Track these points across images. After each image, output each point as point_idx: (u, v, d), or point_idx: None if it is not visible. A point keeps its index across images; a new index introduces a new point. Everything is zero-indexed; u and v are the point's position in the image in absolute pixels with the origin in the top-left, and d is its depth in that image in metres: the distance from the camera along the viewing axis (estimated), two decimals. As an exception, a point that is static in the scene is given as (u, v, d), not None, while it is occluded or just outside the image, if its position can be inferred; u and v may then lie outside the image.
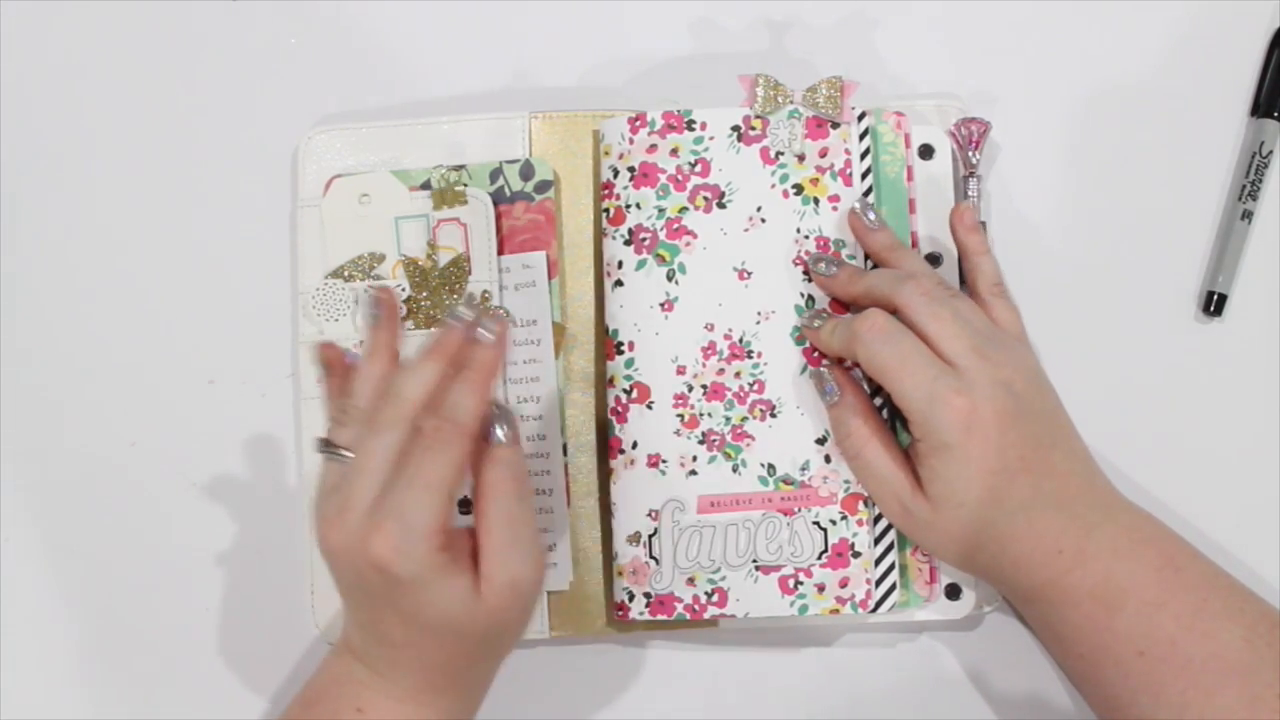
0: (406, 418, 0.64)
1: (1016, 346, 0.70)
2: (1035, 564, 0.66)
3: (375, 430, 0.64)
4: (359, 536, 0.62)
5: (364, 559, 0.62)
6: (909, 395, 0.66)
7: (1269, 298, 0.77)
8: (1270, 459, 0.76)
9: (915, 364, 0.66)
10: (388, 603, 0.63)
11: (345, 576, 0.65)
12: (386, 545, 0.61)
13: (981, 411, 0.65)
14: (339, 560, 0.64)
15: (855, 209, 0.73)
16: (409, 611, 0.63)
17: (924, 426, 0.66)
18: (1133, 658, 0.65)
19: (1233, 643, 0.64)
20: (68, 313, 0.80)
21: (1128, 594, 0.65)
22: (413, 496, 0.62)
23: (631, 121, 0.75)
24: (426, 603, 0.62)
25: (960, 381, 0.66)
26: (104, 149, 0.81)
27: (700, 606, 0.72)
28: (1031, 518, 0.66)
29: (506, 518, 0.64)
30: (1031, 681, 0.75)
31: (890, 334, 0.67)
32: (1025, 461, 0.66)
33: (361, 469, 0.64)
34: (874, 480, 0.69)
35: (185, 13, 0.82)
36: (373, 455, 0.64)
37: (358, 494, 0.63)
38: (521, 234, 0.76)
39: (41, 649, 0.77)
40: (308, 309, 0.76)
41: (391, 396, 0.65)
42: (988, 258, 0.73)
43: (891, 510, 0.69)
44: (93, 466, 0.78)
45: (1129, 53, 0.79)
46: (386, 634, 0.64)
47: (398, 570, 0.61)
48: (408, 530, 0.62)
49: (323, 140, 0.78)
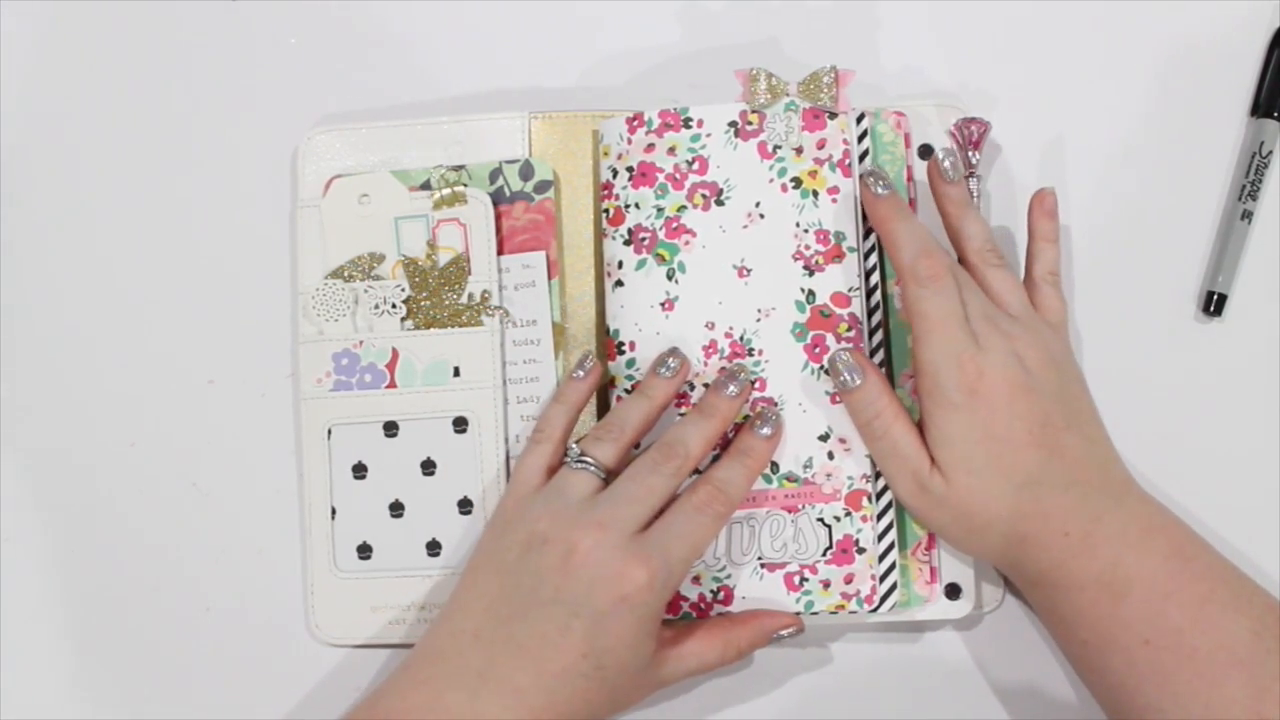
0: (685, 472, 0.70)
1: (1041, 328, 0.70)
2: (1042, 545, 0.66)
3: (657, 472, 0.69)
4: (620, 556, 0.66)
5: (615, 579, 0.65)
6: (930, 347, 0.67)
7: (1269, 298, 0.77)
8: (1270, 459, 0.76)
9: (952, 324, 0.67)
10: (586, 632, 0.65)
11: (558, 586, 0.65)
12: (644, 575, 0.65)
13: (990, 377, 0.66)
14: (580, 566, 0.66)
15: (863, 175, 0.72)
16: (600, 649, 0.65)
17: (932, 380, 0.67)
18: (1138, 646, 0.65)
19: (1239, 634, 0.64)
20: (68, 313, 0.79)
21: (1135, 582, 0.65)
22: (677, 546, 0.67)
23: (629, 121, 0.75)
24: (622, 648, 0.65)
25: (976, 348, 0.67)
26: (104, 149, 0.81)
27: (706, 605, 0.72)
28: (1039, 495, 0.66)
29: (709, 660, 0.70)
30: (1031, 681, 0.75)
31: (946, 288, 0.68)
32: (1033, 436, 0.66)
33: (633, 498, 0.68)
34: (896, 458, 0.69)
35: (185, 13, 0.82)
36: (652, 492, 0.68)
37: (624, 518, 0.67)
38: (521, 234, 0.76)
39: (41, 649, 0.77)
40: (307, 309, 0.76)
41: (678, 445, 0.70)
42: (1053, 246, 0.74)
43: (908, 489, 0.69)
44: (93, 466, 0.78)
45: (1129, 53, 0.79)
46: (547, 660, 0.65)
47: (640, 602, 0.65)
48: (668, 572, 0.66)
49: (323, 140, 0.78)
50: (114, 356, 0.79)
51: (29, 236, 0.80)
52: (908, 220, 0.70)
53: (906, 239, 0.69)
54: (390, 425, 0.75)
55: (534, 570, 0.66)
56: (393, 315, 0.76)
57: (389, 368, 0.76)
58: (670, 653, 0.69)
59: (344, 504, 0.75)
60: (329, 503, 0.76)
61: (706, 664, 0.70)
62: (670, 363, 0.72)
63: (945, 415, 0.67)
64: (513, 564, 0.67)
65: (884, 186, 0.71)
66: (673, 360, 0.72)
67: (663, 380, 0.72)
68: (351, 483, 0.76)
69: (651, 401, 0.72)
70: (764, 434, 0.71)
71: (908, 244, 0.69)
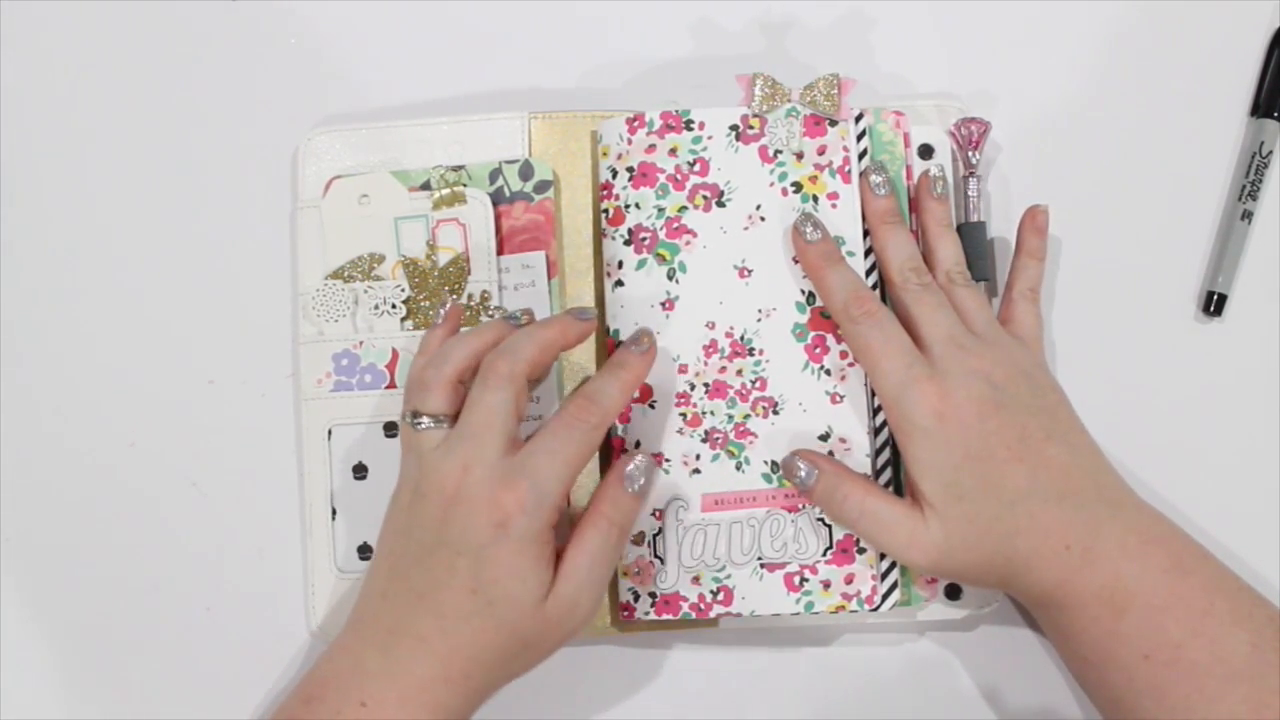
0: (520, 375, 0.67)
1: (1009, 345, 0.70)
2: (1045, 562, 0.66)
3: (489, 386, 0.66)
4: (487, 486, 0.64)
5: (486, 509, 0.64)
6: (883, 379, 0.68)
7: (1269, 298, 0.77)
8: (1270, 459, 0.76)
9: (894, 349, 0.68)
10: (470, 568, 0.64)
11: (440, 530, 0.65)
12: (515, 500, 0.64)
13: (954, 398, 0.67)
14: (455, 505, 0.65)
15: (864, 173, 0.73)
16: (485, 581, 0.64)
17: (897, 410, 0.67)
18: (1138, 661, 0.65)
19: (1238, 648, 0.64)
20: (68, 313, 0.79)
21: (1134, 596, 0.65)
22: (548, 464, 0.65)
23: (630, 122, 0.75)
24: (507, 577, 0.64)
25: (932, 369, 0.67)
26: (104, 149, 0.81)
27: (706, 605, 0.72)
28: (1033, 510, 0.66)
29: (600, 549, 0.67)
30: (1031, 681, 0.75)
31: (880, 320, 0.69)
32: (1013, 451, 0.66)
33: (484, 425, 0.66)
34: (884, 527, 0.68)
35: (185, 13, 0.82)
36: (494, 412, 0.66)
37: (484, 449, 0.65)
38: (521, 234, 0.76)
39: (41, 649, 0.77)
40: (307, 309, 0.76)
41: (505, 352, 0.67)
42: (1038, 264, 0.75)
43: (908, 555, 0.68)
44: (93, 466, 0.78)
45: (1129, 52, 0.79)
46: (442, 603, 0.65)
47: (515, 526, 0.64)
48: (540, 494, 0.64)
49: (323, 141, 0.78)
50: (114, 357, 0.79)
51: (29, 236, 0.80)
52: (836, 265, 0.71)
53: (836, 284, 0.71)
54: (390, 426, 0.75)
55: (420, 521, 0.66)
56: (393, 315, 0.76)
57: (389, 368, 0.76)
58: (561, 576, 0.66)
59: (344, 504, 0.75)
60: (329, 503, 0.76)
61: (597, 553, 0.67)
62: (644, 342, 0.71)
63: (919, 444, 0.67)
64: (404, 522, 0.67)
65: (815, 230, 0.72)
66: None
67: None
68: (351, 483, 0.76)
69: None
70: (641, 350, 0.70)
71: (838, 289, 0.70)
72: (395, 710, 0.64)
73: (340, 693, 0.65)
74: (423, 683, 0.65)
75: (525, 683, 0.75)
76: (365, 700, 0.65)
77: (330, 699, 0.65)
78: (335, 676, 0.66)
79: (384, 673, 0.65)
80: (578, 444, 0.66)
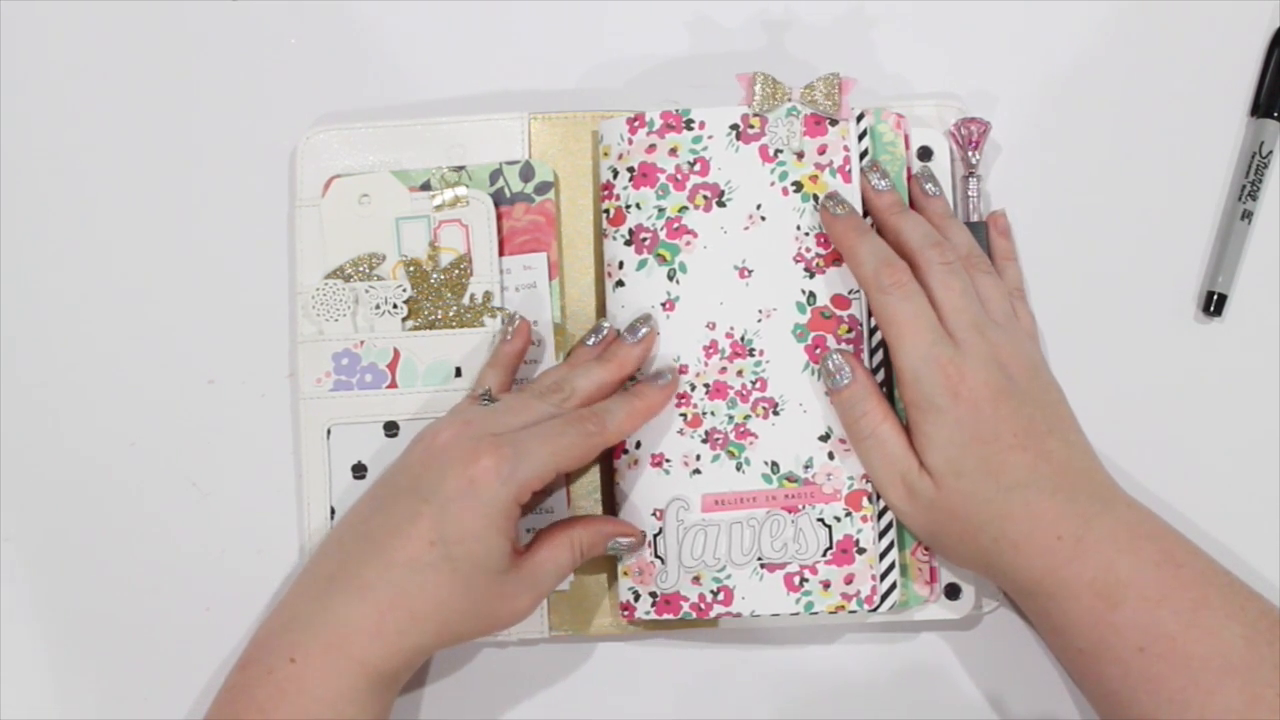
0: (569, 406, 0.70)
1: (1023, 338, 0.71)
2: (1034, 550, 0.66)
3: (542, 398, 0.70)
4: (472, 444, 0.66)
5: (464, 463, 0.65)
6: (906, 353, 0.68)
7: (1269, 298, 0.77)
8: (1270, 459, 0.76)
9: (920, 325, 0.68)
10: (434, 517, 0.65)
11: (416, 476, 0.66)
12: (493, 463, 0.65)
13: (971, 381, 0.67)
14: (433, 455, 0.66)
15: (863, 171, 0.74)
16: (449, 536, 0.65)
17: (915, 386, 0.68)
18: (1132, 654, 0.65)
19: (1233, 641, 0.64)
20: (67, 312, 0.79)
21: (1128, 588, 0.65)
22: (536, 447, 0.67)
23: (630, 122, 0.75)
24: (470, 538, 0.65)
25: (955, 351, 0.68)
26: (103, 149, 0.80)
27: (706, 605, 0.72)
28: (1028, 498, 0.66)
29: (564, 559, 0.69)
30: (1031, 681, 0.75)
31: (910, 293, 0.69)
32: (1018, 439, 0.67)
33: (507, 409, 0.69)
34: (884, 460, 0.69)
35: (185, 13, 0.82)
36: (525, 409, 0.69)
37: (490, 421, 0.68)
38: (522, 235, 0.76)
39: (41, 648, 0.77)
40: (307, 309, 0.76)
41: (564, 384, 0.71)
42: (1012, 264, 0.76)
43: (896, 492, 0.69)
44: (92, 466, 0.78)
45: (1129, 53, 0.79)
46: (394, 550, 0.65)
47: (484, 485, 0.65)
48: (518, 466, 0.66)
49: (322, 140, 0.78)
50: (114, 356, 0.79)
51: (28, 236, 0.80)
52: (866, 235, 0.71)
53: (867, 253, 0.70)
54: (390, 425, 0.75)
55: (402, 467, 0.68)
56: (394, 316, 0.76)
57: (390, 368, 0.76)
58: (526, 561, 0.68)
59: (344, 504, 0.75)
60: (329, 503, 0.76)
61: (562, 566, 0.69)
62: (640, 330, 0.73)
63: (931, 419, 0.68)
64: (389, 471, 0.69)
65: (841, 207, 0.72)
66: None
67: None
68: (351, 483, 0.76)
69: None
70: (660, 384, 0.72)
71: (868, 257, 0.70)
72: (320, 661, 0.64)
73: (272, 650, 0.66)
74: (351, 633, 0.65)
75: (525, 682, 0.75)
76: (294, 655, 0.65)
77: (264, 658, 0.66)
78: (269, 634, 0.67)
79: (316, 621, 0.65)
80: (570, 441, 0.68)
